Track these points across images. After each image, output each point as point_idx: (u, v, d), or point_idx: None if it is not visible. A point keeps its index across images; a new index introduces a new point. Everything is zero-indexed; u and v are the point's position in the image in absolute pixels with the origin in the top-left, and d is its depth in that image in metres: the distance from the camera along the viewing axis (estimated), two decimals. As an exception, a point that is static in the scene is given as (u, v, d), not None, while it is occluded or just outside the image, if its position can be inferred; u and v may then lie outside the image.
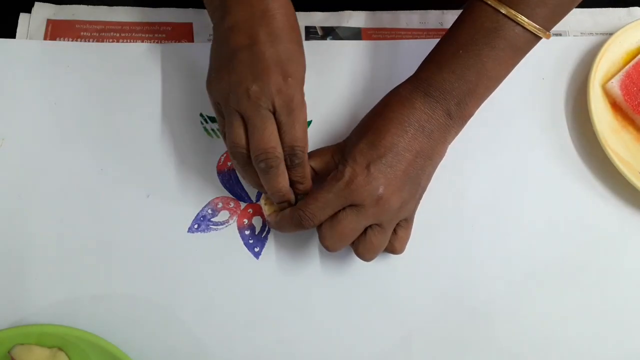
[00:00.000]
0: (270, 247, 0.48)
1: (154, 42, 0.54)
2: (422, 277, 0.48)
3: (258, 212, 0.50)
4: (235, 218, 0.49)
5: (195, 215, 0.49)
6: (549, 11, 0.42)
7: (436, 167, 0.46)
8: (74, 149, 0.50)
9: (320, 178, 0.45)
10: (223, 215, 0.49)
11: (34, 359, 0.43)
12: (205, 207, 0.49)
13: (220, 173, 0.50)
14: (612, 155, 0.50)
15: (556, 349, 0.48)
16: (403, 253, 0.47)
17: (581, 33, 0.58)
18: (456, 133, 0.46)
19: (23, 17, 0.54)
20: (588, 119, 0.52)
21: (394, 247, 0.46)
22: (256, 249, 0.48)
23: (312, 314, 0.47)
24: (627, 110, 0.53)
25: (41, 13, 0.54)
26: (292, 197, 0.45)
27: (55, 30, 0.54)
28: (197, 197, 0.49)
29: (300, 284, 0.48)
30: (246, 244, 0.49)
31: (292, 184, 0.44)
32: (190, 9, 0.55)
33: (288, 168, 0.43)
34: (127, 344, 0.45)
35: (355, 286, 0.48)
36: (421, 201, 0.50)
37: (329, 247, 0.43)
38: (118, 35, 0.54)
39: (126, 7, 0.55)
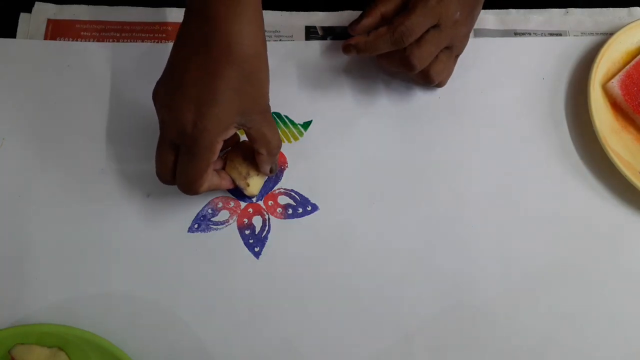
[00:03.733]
0: (270, 247, 0.48)
1: (154, 42, 0.54)
2: (422, 277, 0.48)
3: (258, 211, 0.50)
4: (235, 218, 0.49)
5: (195, 215, 0.49)
6: None
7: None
8: (74, 149, 0.50)
9: (389, 19, 0.48)
10: (223, 215, 0.49)
11: (34, 358, 0.43)
12: (205, 206, 0.49)
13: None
14: (612, 155, 0.50)
15: (556, 349, 0.47)
16: (403, 250, 0.47)
17: (581, 33, 0.58)
18: None
19: (23, 17, 0.54)
20: (588, 119, 0.52)
21: (442, 79, 0.51)
22: (256, 249, 0.48)
23: (312, 314, 0.47)
24: (628, 110, 0.53)
25: (41, 13, 0.54)
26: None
27: (56, 30, 0.54)
28: (197, 197, 0.49)
29: (300, 284, 0.48)
30: (246, 244, 0.49)
31: None
32: (191, 9, 0.55)
33: None
34: (127, 344, 0.45)
35: (355, 286, 0.48)
36: (421, 200, 0.50)
37: (418, 65, 0.47)
38: (118, 35, 0.54)
39: (126, 7, 0.55)
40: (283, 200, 0.50)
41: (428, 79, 0.50)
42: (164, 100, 0.42)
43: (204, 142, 0.41)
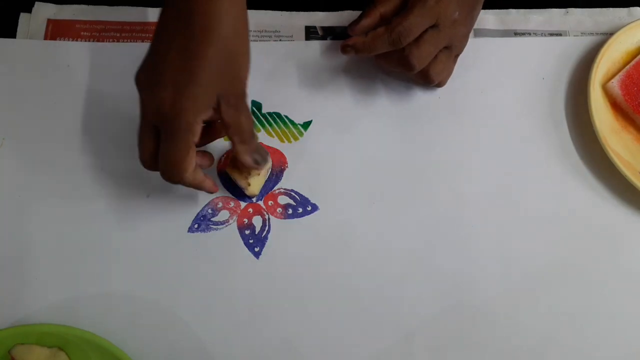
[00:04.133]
0: (270, 247, 0.48)
1: (154, 42, 0.54)
2: (422, 277, 0.48)
3: (258, 211, 0.50)
4: (235, 218, 0.49)
5: (195, 215, 0.49)
6: None
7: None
8: (73, 149, 0.50)
9: (388, 20, 0.48)
10: (223, 215, 0.49)
11: (34, 358, 0.43)
12: (205, 206, 0.49)
13: (220, 173, 0.50)
14: (612, 155, 0.50)
15: (556, 349, 0.47)
16: (403, 250, 0.47)
17: (581, 33, 0.58)
18: None
19: (23, 17, 0.54)
20: (588, 119, 0.52)
21: (442, 79, 0.52)
22: (256, 249, 0.48)
23: (312, 314, 0.47)
24: (628, 110, 0.53)
25: (41, 13, 0.54)
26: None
27: (56, 30, 0.54)
28: (197, 197, 0.49)
29: (300, 284, 0.48)
30: (246, 244, 0.49)
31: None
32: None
33: None
34: (127, 344, 0.45)
35: (355, 286, 0.48)
36: (421, 200, 0.50)
37: (416, 65, 0.48)
38: (118, 35, 0.54)
39: (126, 7, 0.55)
40: (283, 200, 0.50)
41: (427, 79, 0.50)
42: (144, 83, 0.41)
43: (182, 121, 0.40)
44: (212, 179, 0.45)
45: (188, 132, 0.41)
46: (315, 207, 0.50)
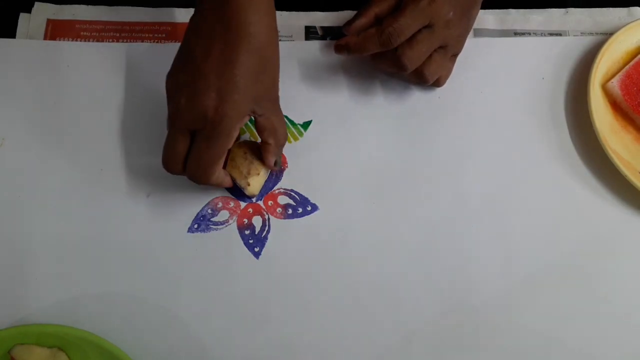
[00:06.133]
0: (270, 247, 0.48)
1: (154, 42, 0.54)
2: (422, 277, 0.48)
3: (258, 212, 0.50)
4: (235, 218, 0.49)
5: (195, 215, 0.49)
6: None
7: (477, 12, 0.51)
8: (73, 149, 0.50)
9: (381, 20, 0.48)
10: (223, 215, 0.49)
11: (34, 358, 0.43)
12: (205, 206, 0.49)
13: (220, 173, 0.50)
14: (612, 155, 0.50)
15: (556, 349, 0.47)
16: (403, 250, 0.47)
17: (581, 33, 0.58)
18: None
19: (23, 17, 0.54)
20: (588, 119, 0.52)
21: (440, 78, 0.52)
22: (256, 249, 0.48)
23: (312, 314, 0.47)
24: (627, 110, 0.53)
25: (41, 13, 0.54)
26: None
27: (55, 30, 0.54)
28: (197, 197, 0.49)
29: (300, 284, 0.48)
30: (246, 244, 0.49)
31: None
32: (191, 8, 0.55)
33: None
34: (127, 344, 0.45)
35: (355, 286, 0.48)
36: (421, 200, 0.50)
37: (408, 65, 0.48)
38: (118, 35, 0.54)
39: (126, 7, 0.55)
40: (283, 200, 0.50)
41: (422, 79, 0.50)
42: (182, 87, 0.42)
43: (224, 127, 0.42)
44: (228, 174, 0.47)
45: (228, 137, 0.42)
46: (315, 207, 0.50)
